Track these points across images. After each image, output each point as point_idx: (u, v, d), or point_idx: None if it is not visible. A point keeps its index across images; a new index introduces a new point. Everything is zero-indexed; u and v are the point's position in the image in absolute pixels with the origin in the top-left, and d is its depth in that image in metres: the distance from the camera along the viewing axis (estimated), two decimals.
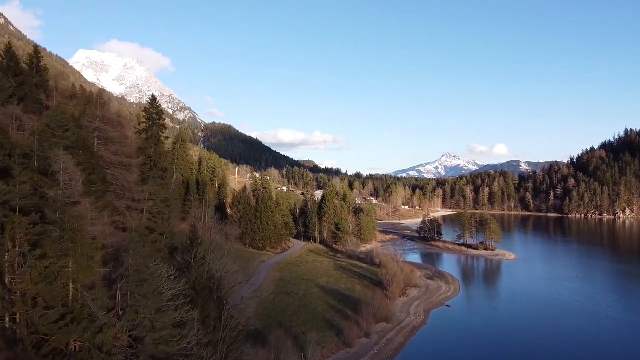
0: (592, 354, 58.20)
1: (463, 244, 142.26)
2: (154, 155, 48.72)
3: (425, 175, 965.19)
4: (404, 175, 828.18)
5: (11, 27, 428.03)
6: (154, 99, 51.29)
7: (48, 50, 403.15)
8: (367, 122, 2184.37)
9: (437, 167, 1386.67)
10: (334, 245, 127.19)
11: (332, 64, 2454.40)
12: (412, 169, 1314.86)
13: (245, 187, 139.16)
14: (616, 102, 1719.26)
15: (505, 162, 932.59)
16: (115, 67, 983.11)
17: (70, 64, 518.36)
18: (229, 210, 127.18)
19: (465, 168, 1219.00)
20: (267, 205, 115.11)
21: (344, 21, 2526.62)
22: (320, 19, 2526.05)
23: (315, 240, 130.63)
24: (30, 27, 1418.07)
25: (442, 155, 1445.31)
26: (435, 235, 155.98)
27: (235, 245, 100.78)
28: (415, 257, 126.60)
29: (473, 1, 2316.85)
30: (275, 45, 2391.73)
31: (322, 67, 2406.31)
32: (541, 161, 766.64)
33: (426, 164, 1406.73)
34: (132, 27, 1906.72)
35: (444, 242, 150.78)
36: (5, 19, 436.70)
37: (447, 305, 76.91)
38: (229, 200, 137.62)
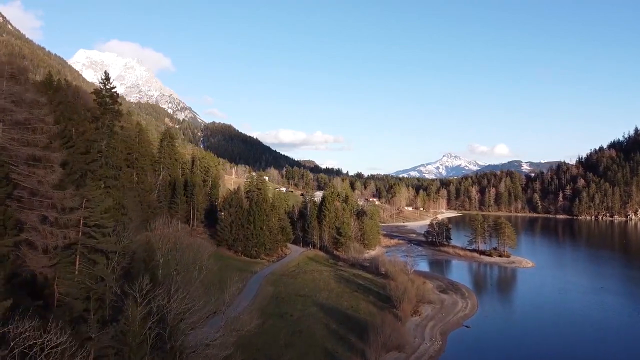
0: None
1: (475, 250, 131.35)
2: (105, 149, 38.44)
3: (426, 176, 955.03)
4: (405, 175, 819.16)
5: (9, 26, 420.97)
6: (107, 78, 40.64)
7: (47, 50, 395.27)
8: (367, 122, 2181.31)
9: (438, 167, 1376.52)
10: (334, 252, 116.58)
11: (332, 64, 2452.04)
12: (413, 169, 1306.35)
13: (238, 188, 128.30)
14: (617, 102, 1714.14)
15: (506, 162, 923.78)
16: (116, 67, 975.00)
17: (70, 64, 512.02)
18: (222, 214, 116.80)
19: (467, 168, 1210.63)
20: (261, 207, 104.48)
21: (344, 21, 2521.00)
22: (320, 19, 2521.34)
23: (314, 246, 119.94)
24: (32, 27, 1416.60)
25: (443, 155, 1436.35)
26: (444, 240, 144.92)
27: (219, 254, 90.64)
28: (423, 265, 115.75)
29: (473, 1, 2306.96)
30: (275, 45, 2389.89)
31: (322, 67, 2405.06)
32: (542, 161, 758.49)
33: (427, 164, 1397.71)
34: (132, 27, 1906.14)
35: (454, 247, 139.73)
36: (4, 17, 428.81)
37: (466, 326, 66.26)
38: (221, 202, 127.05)
